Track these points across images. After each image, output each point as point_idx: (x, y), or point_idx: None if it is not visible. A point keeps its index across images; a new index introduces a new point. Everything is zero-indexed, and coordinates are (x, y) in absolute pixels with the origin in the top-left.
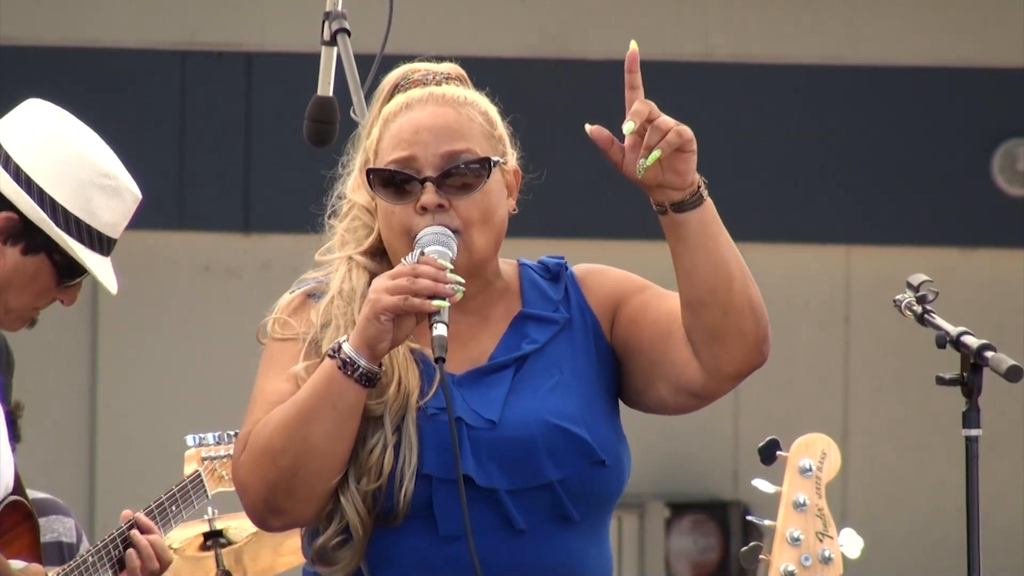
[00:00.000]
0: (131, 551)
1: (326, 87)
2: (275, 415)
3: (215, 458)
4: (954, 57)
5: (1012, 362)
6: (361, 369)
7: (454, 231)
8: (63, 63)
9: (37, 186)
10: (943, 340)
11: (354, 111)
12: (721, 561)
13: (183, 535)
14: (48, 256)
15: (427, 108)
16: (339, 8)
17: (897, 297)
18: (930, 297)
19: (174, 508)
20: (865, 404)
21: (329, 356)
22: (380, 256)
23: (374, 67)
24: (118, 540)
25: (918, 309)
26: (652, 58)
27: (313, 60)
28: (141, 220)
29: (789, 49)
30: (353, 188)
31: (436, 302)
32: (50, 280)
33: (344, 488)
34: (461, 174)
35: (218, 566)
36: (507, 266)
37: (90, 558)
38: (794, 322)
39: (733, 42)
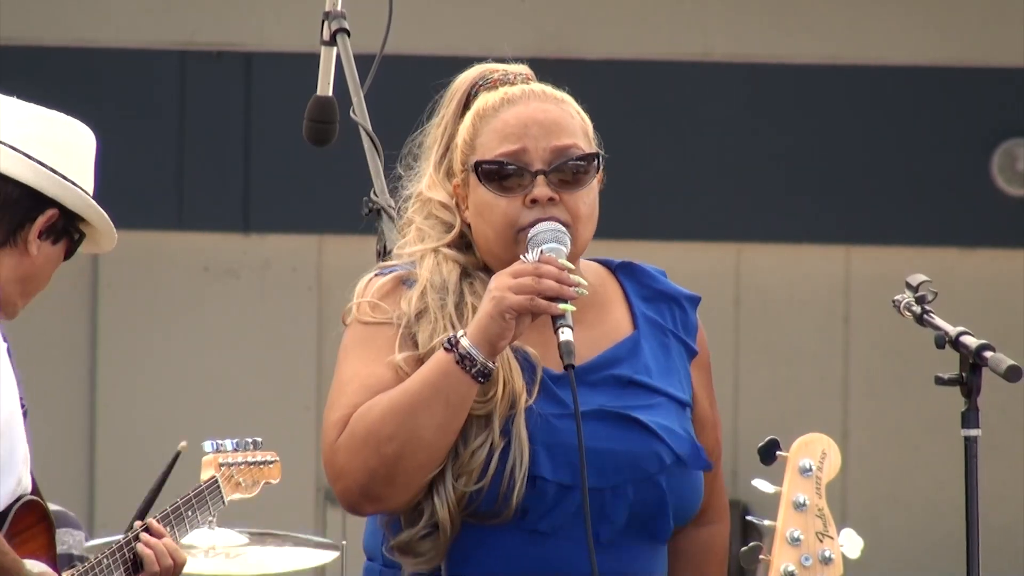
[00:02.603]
0: (147, 550)
1: (326, 87)
2: (382, 402)
3: (232, 464)
4: (954, 57)
5: (1011, 362)
6: (478, 365)
7: (564, 225)
8: (63, 63)
9: (65, 176)
10: (942, 340)
11: (354, 111)
12: None
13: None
14: (69, 239)
15: (531, 103)
16: (339, 8)
17: (896, 297)
18: (929, 297)
19: (190, 513)
20: (865, 404)
21: (445, 349)
22: (464, 249)
23: (374, 67)
24: (130, 543)
25: (917, 309)
26: (652, 58)
27: (313, 60)
28: (141, 220)
29: (789, 49)
30: (429, 186)
31: (562, 305)
32: (61, 260)
33: (439, 485)
34: (572, 169)
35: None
36: (590, 266)
37: (104, 560)
38: (794, 322)
39: (733, 42)
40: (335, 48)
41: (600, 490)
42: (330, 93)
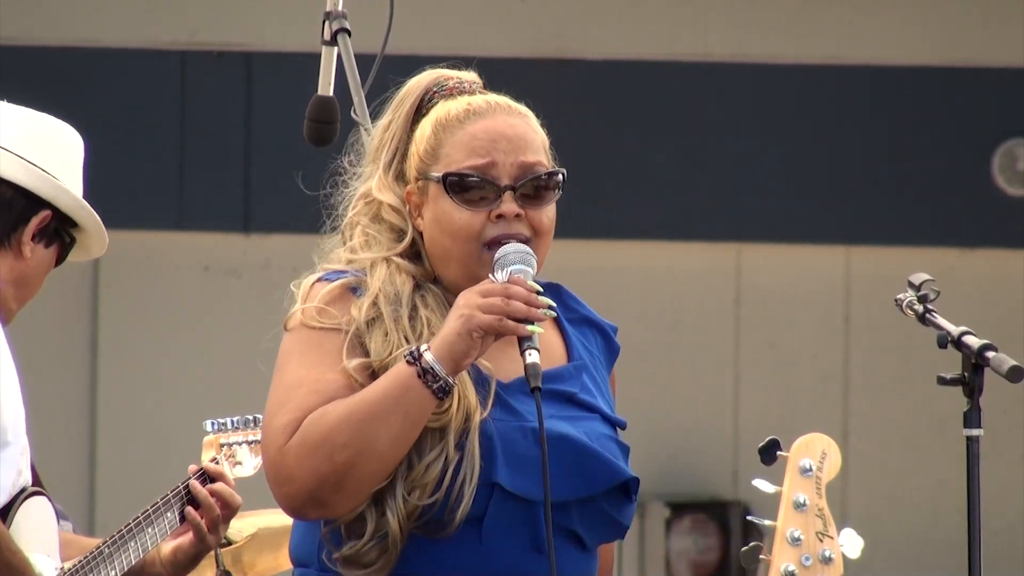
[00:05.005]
0: (189, 507)
1: (326, 87)
2: (338, 409)
3: (233, 444)
4: (954, 57)
5: (1013, 362)
6: (440, 380)
7: (525, 240)
8: (63, 63)
9: (57, 178)
10: (944, 340)
11: (354, 111)
12: (721, 561)
13: None
14: (61, 242)
15: (498, 117)
16: (339, 8)
17: (898, 296)
18: (931, 296)
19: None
20: (865, 404)
21: (408, 362)
22: (415, 259)
23: (374, 67)
24: (182, 491)
25: (919, 308)
26: (652, 58)
27: (313, 60)
28: (140, 220)
29: (789, 49)
30: (379, 188)
31: (530, 328)
32: (53, 265)
33: (389, 498)
34: (538, 185)
35: (218, 566)
36: None
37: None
38: (794, 322)
39: (733, 42)
40: (336, 48)
41: (554, 503)
42: (331, 93)
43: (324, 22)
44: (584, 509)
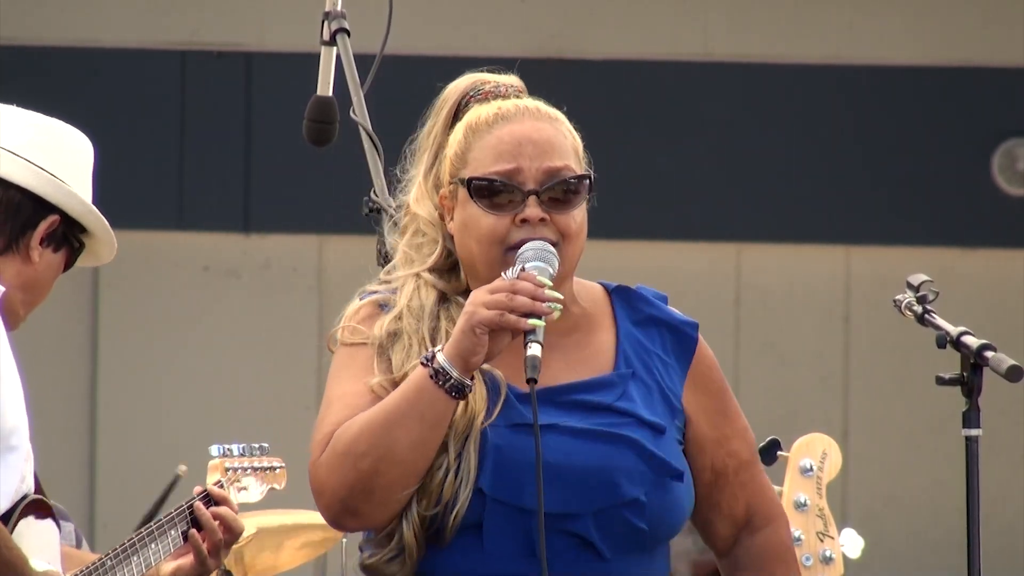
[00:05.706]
0: (193, 529)
1: (326, 87)
2: (360, 419)
3: (238, 469)
4: (954, 57)
5: (1012, 362)
6: (453, 380)
7: (552, 244)
8: (63, 63)
9: (66, 182)
10: (943, 340)
11: (354, 111)
12: None
13: None
14: (69, 247)
15: (526, 121)
16: (339, 8)
17: (897, 297)
18: (930, 297)
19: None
20: (865, 404)
21: (422, 364)
22: (447, 273)
23: (374, 67)
24: (186, 510)
25: (918, 309)
26: (652, 58)
27: (313, 60)
28: (141, 220)
29: (789, 49)
30: (416, 200)
31: (532, 320)
32: (61, 270)
33: (407, 508)
34: (564, 190)
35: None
36: (587, 288)
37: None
38: (794, 322)
39: (733, 42)
40: (335, 48)
41: (558, 513)
42: (330, 93)
43: (323, 22)
44: (600, 519)
